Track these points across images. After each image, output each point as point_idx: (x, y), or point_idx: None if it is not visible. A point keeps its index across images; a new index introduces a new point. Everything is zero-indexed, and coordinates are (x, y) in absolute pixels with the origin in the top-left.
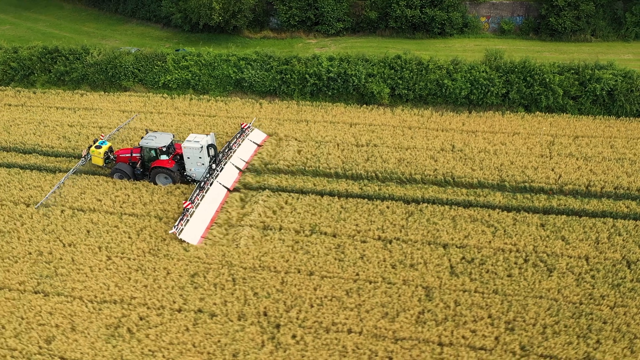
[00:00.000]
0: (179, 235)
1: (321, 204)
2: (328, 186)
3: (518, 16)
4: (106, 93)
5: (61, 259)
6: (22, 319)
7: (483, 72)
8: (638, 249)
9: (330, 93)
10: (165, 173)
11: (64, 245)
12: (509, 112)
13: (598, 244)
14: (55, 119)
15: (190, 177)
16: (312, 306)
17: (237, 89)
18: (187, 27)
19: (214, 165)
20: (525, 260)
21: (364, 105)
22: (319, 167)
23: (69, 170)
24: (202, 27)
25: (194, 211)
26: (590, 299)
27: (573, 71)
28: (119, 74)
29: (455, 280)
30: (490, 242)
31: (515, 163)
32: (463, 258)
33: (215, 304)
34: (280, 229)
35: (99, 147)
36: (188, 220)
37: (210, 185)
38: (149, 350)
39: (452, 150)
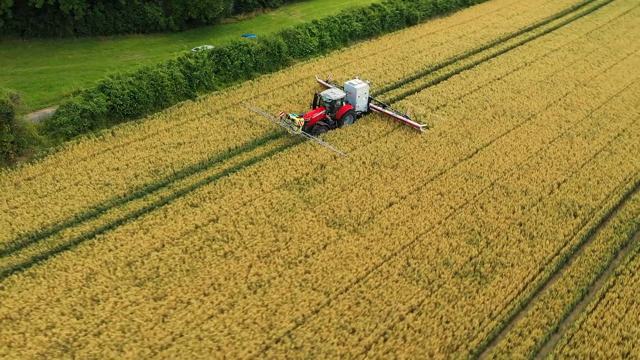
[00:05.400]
0: (422, 129)
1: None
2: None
3: None
4: (275, 72)
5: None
6: None
7: None
8: None
9: (396, 24)
10: (352, 114)
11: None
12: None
13: None
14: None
15: (359, 111)
16: None
17: (350, 37)
18: (177, 27)
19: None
20: None
21: (410, 26)
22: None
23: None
24: (190, 23)
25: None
26: None
27: None
28: (281, 52)
29: None
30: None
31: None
32: None
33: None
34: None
35: (297, 117)
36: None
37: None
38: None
39: (493, 27)
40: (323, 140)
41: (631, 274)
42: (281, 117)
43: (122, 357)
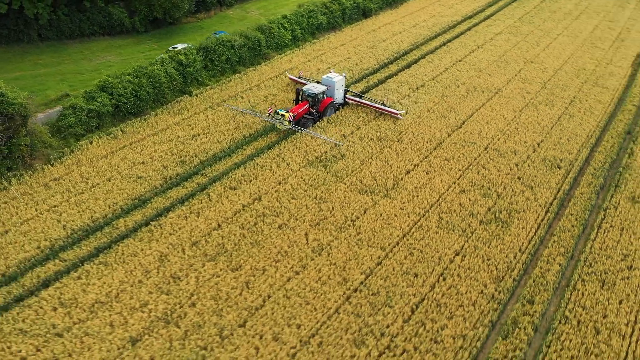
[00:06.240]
0: (400, 115)
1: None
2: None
3: None
4: (258, 65)
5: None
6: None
7: None
8: None
9: (354, 17)
10: (333, 106)
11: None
12: None
13: None
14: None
15: (338, 103)
16: None
17: (317, 30)
18: (143, 28)
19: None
20: None
21: (366, 18)
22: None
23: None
24: (154, 23)
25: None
26: None
27: None
28: (261, 46)
29: None
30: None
31: None
32: None
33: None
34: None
35: (286, 112)
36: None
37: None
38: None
39: (440, 16)
40: (319, 130)
41: (615, 208)
42: (269, 114)
43: (224, 320)
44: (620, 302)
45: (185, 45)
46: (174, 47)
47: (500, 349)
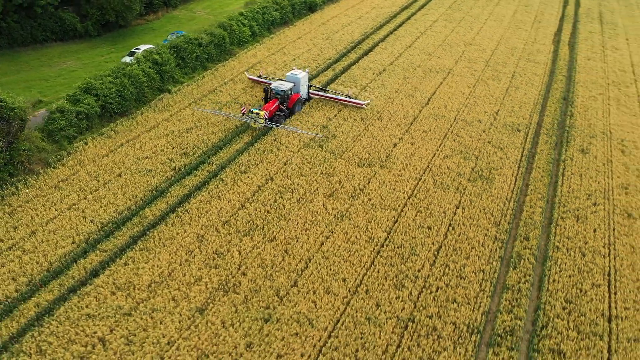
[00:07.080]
0: (365, 105)
1: (385, 49)
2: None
3: None
4: (225, 61)
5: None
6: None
7: None
8: None
9: (303, 12)
10: (300, 101)
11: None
12: None
13: None
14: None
15: (304, 98)
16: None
17: (272, 26)
18: (95, 32)
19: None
20: None
21: (313, 12)
22: (358, 39)
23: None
24: (106, 27)
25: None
26: None
27: None
28: (226, 44)
29: None
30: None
31: None
32: None
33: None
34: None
35: (259, 112)
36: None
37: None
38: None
39: (379, 8)
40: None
41: (571, 160)
42: (243, 113)
43: (277, 283)
44: (594, 231)
45: (149, 46)
46: (137, 49)
47: (513, 277)
